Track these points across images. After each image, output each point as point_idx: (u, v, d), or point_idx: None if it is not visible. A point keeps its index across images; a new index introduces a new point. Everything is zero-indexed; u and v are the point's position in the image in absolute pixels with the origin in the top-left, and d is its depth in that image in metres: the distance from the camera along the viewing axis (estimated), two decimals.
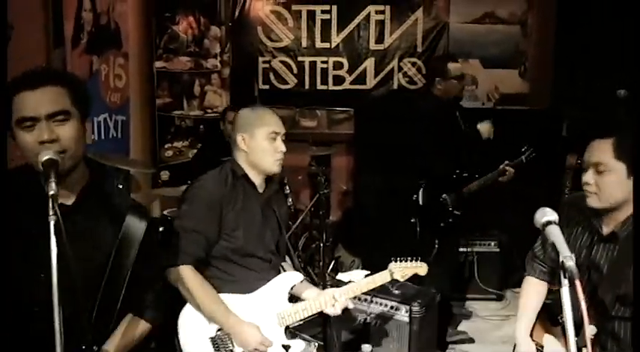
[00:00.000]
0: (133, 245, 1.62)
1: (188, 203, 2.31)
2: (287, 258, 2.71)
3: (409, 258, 2.54)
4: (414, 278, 2.68)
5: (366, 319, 3.21)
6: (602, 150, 1.94)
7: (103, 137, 4.21)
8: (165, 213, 4.20)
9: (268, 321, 2.31)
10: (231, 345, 2.25)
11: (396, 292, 3.25)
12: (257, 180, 2.42)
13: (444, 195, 3.79)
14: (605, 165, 1.92)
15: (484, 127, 3.99)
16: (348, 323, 3.25)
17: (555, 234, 1.62)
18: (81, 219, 1.58)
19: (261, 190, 2.44)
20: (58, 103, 1.50)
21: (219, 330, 2.26)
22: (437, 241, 3.84)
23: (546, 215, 1.68)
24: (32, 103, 1.48)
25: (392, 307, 3.18)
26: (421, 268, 2.56)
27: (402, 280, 2.57)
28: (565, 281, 1.46)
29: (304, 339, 2.44)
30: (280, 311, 2.33)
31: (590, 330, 1.92)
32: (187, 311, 2.26)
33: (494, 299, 4.55)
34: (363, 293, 3.16)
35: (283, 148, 2.37)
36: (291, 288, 2.42)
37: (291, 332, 2.43)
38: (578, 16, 4.93)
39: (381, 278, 2.49)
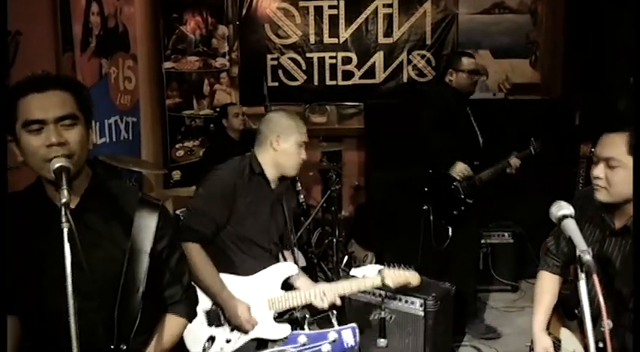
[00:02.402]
0: (148, 238, 1.60)
1: (205, 187, 2.52)
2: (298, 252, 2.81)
3: (403, 265, 2.64)
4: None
5: (380, 313, 3.20)
6: (616, 145, 1.90)
7: (114, 139, 4.24)
8: (177, 212, 4.22)
9: (259, 304, 2.48)
10: (222, 319, 2.45)
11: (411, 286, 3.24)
12: (272, 177, 2.58)
13: (454, 183, 3.80)
14: (617, 161, 1.88)
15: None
16: (362, 318, 3.25)
17: (572, 228, 1.60)
18: (88, 220, 1.55)
19: (273, 186, 2.61)
20: (66, 107, 1.49)
21: (213, 305, 2.45)
22: (450, 229, 3.89)
23: (562, 209, 1.65)
24: (40, 106, 1.46)
25: (406, 301, 3.18)
26: (414, 277, 2.65)
27: (393, 287, 2.65)
28: (582, 275, 1.45)
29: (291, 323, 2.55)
30: (271, 297, 2.50)
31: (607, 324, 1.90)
32: None
33: (509, 290, 4.54)
34: (378, 288, 3.19)
35: (305, 156, 2.60)
36: (287, 278, 2.58)
37: (281, 316, 2.56)
38: (587, 3, 4.87)
39: (372, 282, 2.63)
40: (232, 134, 4.72)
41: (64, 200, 1.33)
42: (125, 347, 1.56)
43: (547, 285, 2.26)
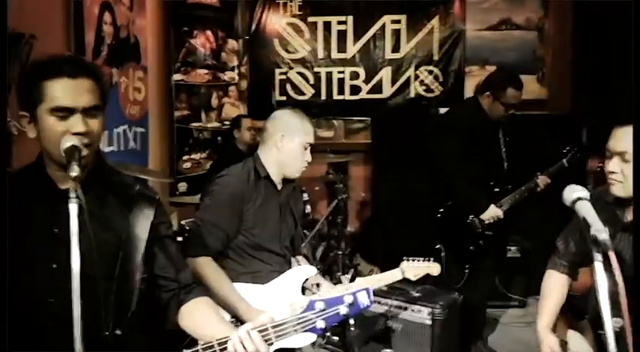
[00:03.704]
0: (145, 226, 1.59)
1: (211, 197, 2.38)
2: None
3: (422, 258, 2.59)
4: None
5: (386, 323, 3.17)
6: (629, 138, 1.86)
7: (122, 148, 4.25)
8: (182, 223, 4.22)
9: (281, 311, 2.37)
10: None
11: (417, 294, 3.22)
12: (277, 179, 2.47)
13: (471, 217, 3.47)
14: (631, 154, 1.85)
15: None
16: (369, 327, 3.22)
17: (587, 209, 1.53)
18: (87, 200, 1.47)
19: (279, 188, 2.50)
20: (95, 97, 1.48)
21: (230, 320, 2.31)
22: (467, 266, 3.56)
23: (576, 191, 1.60)
24: (72, 93, 1.44)
25: (413, 309, 3.15)
26: (434, 268, 2.59)
27: (414, 279, 2.60)
28: (598, 256, 1.39)
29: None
30: (292, 302, 2.40)
31: (615, 322, 1.86)
32: None
33: (516, 305, 4.48)
34: (384, 297, 3.18)
35: (310, 159, 2.45)
36: (305, 281, 2.49)
37: None
38: (595, 19, 4.91)
39: (392, 276, 2.58)
40: (241, 146, 4.74)
41: (74, 173, 1.32)
42: (120, 333, 1.53)
43: (554, 284, 2.22)
